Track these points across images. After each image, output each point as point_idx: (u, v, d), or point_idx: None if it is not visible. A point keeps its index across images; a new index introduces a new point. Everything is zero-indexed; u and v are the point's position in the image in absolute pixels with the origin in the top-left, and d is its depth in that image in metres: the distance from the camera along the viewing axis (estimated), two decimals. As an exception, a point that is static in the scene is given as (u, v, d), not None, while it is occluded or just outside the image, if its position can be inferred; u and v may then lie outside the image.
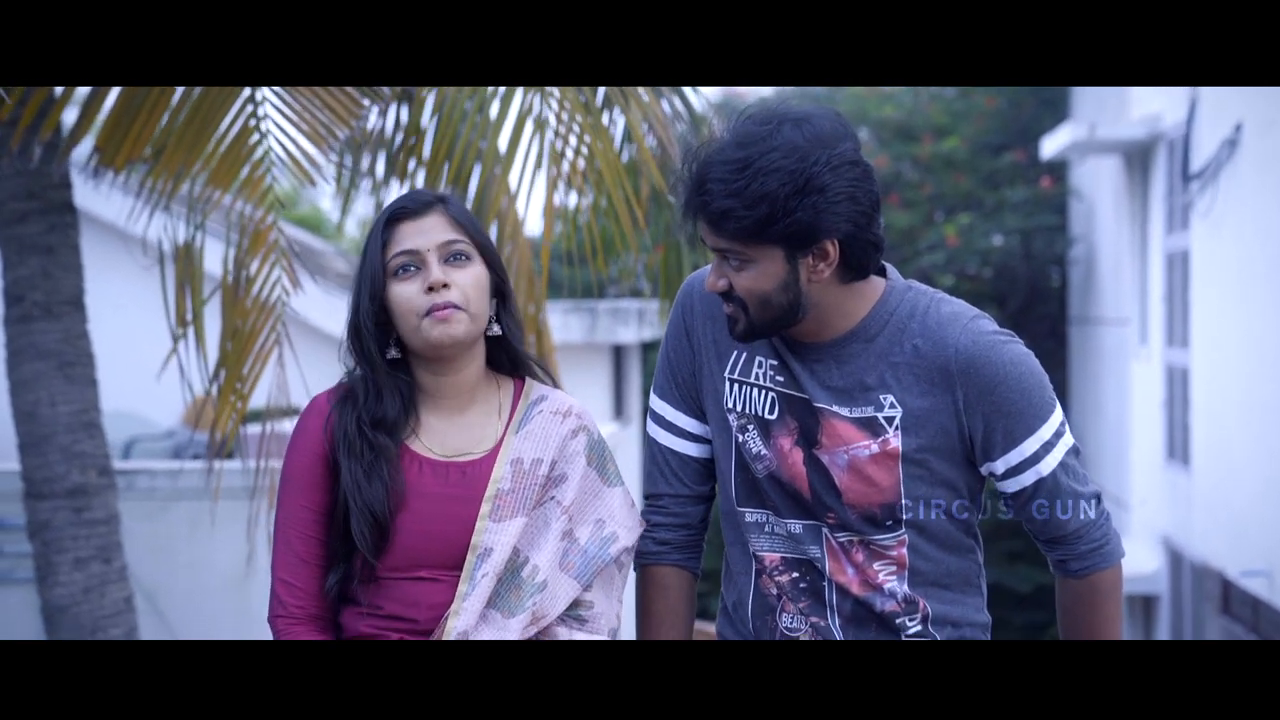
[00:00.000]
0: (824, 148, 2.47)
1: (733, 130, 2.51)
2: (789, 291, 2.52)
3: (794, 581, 2.66)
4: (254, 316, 4.82)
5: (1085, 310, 15.84)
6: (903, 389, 2.58)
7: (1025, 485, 2.61)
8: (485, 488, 2.64)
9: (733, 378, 2.67)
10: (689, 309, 2.74)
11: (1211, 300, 10.74)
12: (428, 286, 2.61)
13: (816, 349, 2.61)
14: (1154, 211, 12.75)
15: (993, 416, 2.57)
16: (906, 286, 2.64)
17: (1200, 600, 11.35)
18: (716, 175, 2.48)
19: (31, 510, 5.15)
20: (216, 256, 5.37)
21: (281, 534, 2.66)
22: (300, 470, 2.66)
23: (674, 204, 5.24)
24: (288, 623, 2.63)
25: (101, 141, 4.72)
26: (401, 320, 2.63)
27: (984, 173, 16.44)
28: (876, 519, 2.61)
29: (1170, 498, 12.27)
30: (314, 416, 2.67)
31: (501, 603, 2.61)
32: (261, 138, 4.70)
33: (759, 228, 2.47)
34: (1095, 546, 2.65)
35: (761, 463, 2.65)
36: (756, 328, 2.57)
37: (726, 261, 2.54)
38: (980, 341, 2.57)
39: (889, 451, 2.58)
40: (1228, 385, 10.33)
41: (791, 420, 2.62)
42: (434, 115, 4.95)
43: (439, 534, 2.61)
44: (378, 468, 2.60)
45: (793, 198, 2.44)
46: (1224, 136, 10.19)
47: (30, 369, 5.08)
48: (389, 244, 2.65)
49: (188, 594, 7.35)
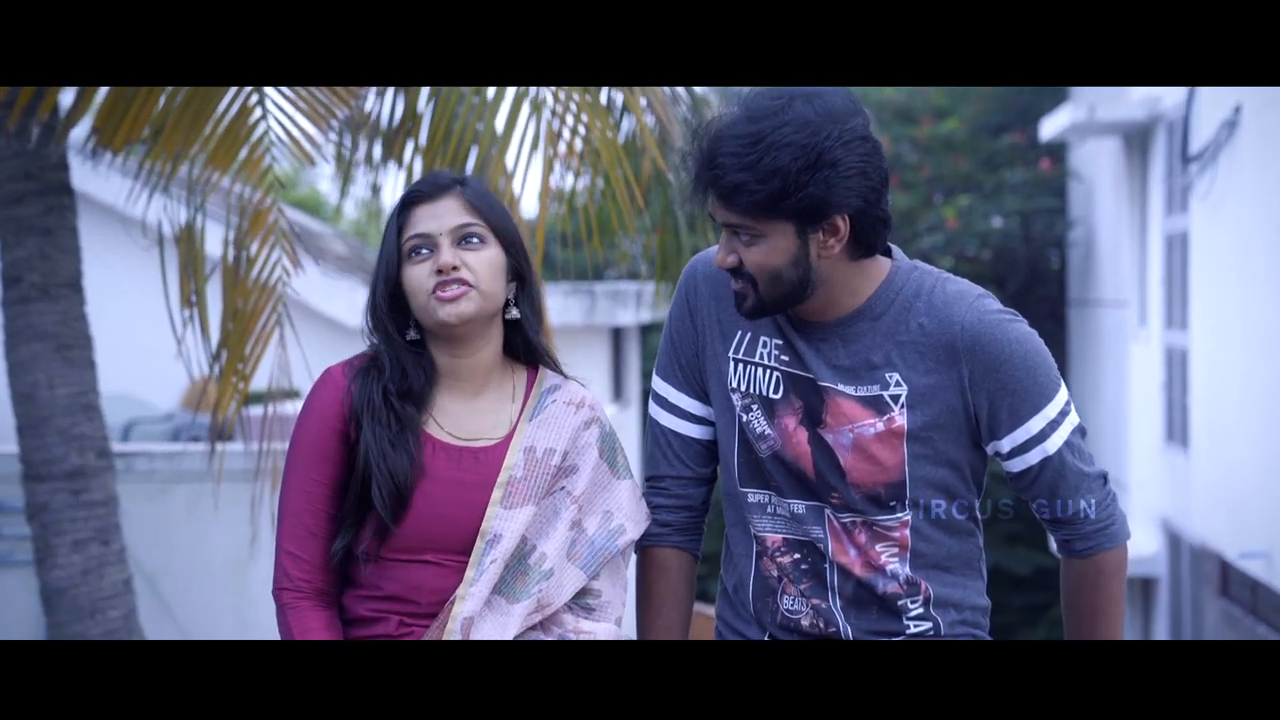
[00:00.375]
0: (836, 123, 2.47)
1: (744, 105, 2.50)
2: (799, 267, 2.52)
3: (795, 563, 2.66)
4: (255, 297, 4.82)
5: (1084, 292, 15.84)
6: (908, 367, 2.57)
7: (1031, 464, 2.61)
8: (497, 474, 2.64)
9: (737, 357, 2.67)
10: (693, 289, 2.74)
11: (1211, 282, 10.74)
12: (437, 269, 2.62)
13: (822, 328, 2.61)
14: (1153, 193, 12.75)
15: (998, 394, 2.56)
16: (912, 266, 2.64)
17: (1199, 582, 11.37)
18: (729, 149, 2.47)
19: (30, 492, 5.15)
20: (216, 238, 5.36)
21: (289, 506, 2.64)
22: (312, 441, 2.64)
23: (673, 184, 5.24)
24: (294, 596, 2.61)
25: (99, 123, 4.72)
26: (413, 300, 2.64)
27: (983, 154, 16.44)
28: (880, 499, 2.61)
29: (1169, 480, 12.28)
30: (329, 388, 2.66)
31: (507, 589, 2.61)
32: (261, 118, 4.69)
33: (771, 202, 2.46)
34: (1101, 527, 2.65)
35: (765, 442, 2.64)
36: (765, 304, 2.56)
37: (736, 237, 2.53)
38: (986, 319, 2.57)
39: (894, 430, 2.58)
40: (1227, 367, 10.33)
41: (796, 400, 2.62)
42: (430, 98, 4.94)
43: (450, 517, 2.61)
44: (403, 438, 2.60)
45: (805, 172, 2.44)
46: (1223, 118, 10.18)
47: (28, 350, 5.08)
48: (404, 227, 2.67)
49: (187, 577, 7.36)
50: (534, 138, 4.75)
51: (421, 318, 2.65)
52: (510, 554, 2.61)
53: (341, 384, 2.65)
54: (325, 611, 2.61)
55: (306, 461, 2.63)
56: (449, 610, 2.58)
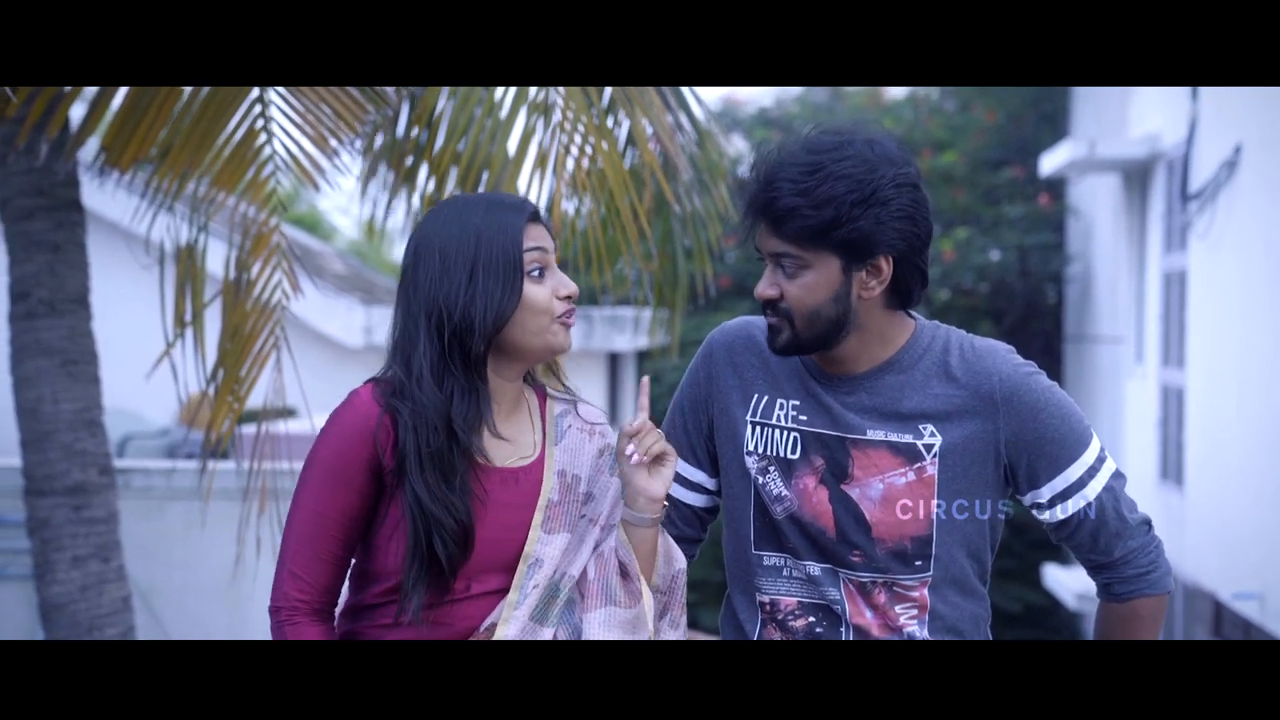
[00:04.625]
0: (891, 165, 2.53)
1: (804, 139, 2.57)
2: (839, 304, 2.56)
3: (809, 626, 2.66)
4: (254, 319, 4.82)
5: (1081, 328, 15.85)
6: (942, 419, 2.59)
7: (1072, 512, 2.63)
8: (535, 494, 2.62)
9: (754, 420, 2.69)
10: (709, 357, 2.77)
11: (1208, 321, 10.75)
12: (566, 294, 2.60)
13: (850, 381, 2.63)
14: (1152, 231, 12.77)
15: (1036, 443, 2.59)
16: (935, 325, 2.68)
17: (1192, 621, 11.36)
18: (786, 175, 2.53)
19: (31, 507, 5.14)
20: (218, 257, 5.37)
21: (299, 527, 2.57)
22: (337, 469, 2.55)
23: (677, 213, 5.26)
24: (290, 613, 2.58)
25: (108, 141, 4.72)
26: (530, 319, 2.58)
27: (982, 188, 16.45)
28: (906, 554, 2.61)
29: (1163, 518, 12.28)
30: (358, 414, 2.56)
31: (539, 613, 2.60)
32: (268, 140, 4.70)
33: (822, 230, 2.52)
34: (1142, 572, 2.66)
35: (782, 504, 2.66)
36: (800, 341, 2.59)
37: (781, 269, 2.57)
38: (1020, 371, 2.61)
39: (925, 480, 2.59)
40: (1223, 406, 10.33)
41: (817, 458, 2.63)
42: (441, 116, 4.94)
43: (496, 540, 2.58)
44: (468, 483, 2.54)
45: (858, 205, 2.50)
46: (1223, 158, 10.20)
47: (33, 366, 5.08)
48: (525, 240, 2.58)
49: (181, 594, 7.35)
50: (541, 161, 4.76)
51: (527, 338, 2.58)
52: (549, 580, 2.60)
53: (374, 412, 2.56)
54: (321, 626, 2.59)
55: (327, 486, 2.56)
56: (490, 634, 2.56)
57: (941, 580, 2.63)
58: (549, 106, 4.75)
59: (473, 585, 2.58)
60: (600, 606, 2.59)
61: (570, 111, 4.75)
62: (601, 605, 2.59)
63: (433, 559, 2.51)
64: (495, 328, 2.54)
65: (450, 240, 2.56)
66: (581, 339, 12.63)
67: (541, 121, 4.76)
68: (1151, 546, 2.68)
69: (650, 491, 2.59)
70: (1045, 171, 14.53)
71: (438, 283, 2.55)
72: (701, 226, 5.32)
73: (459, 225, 2.57)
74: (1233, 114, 10.11)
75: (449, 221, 2.59)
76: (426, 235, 2.59)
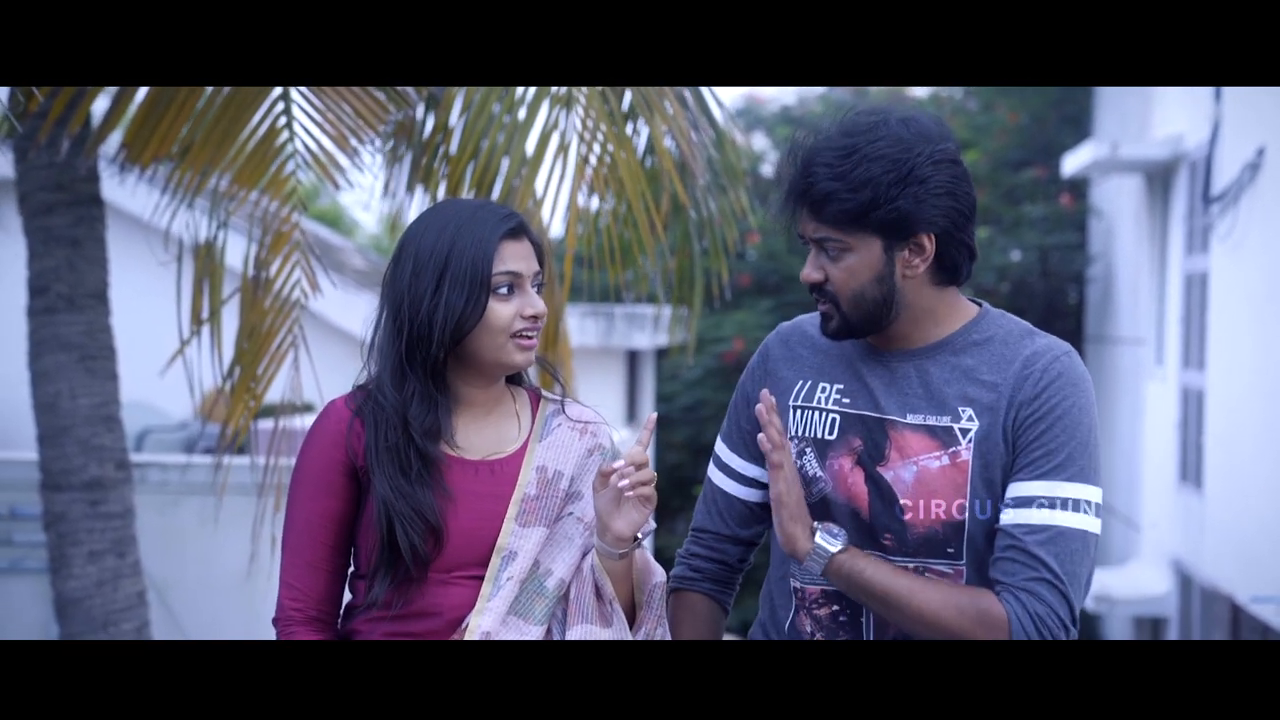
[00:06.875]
0: (928, 143, 2.53)
1: (839, 123, 2.57)
2: (883, 285, 2.55)
3: (834, 615, 2.65)
4: (272, 317, 4.83)
5: (1102, 329, 15.82)
6: (983, 406, 2.56)
7: (1021, 522, 2.51)
8: (512, 486, 2.65)
9: (796, 404, 2.68)
10: (766, 354, 2.76)
11: (1229, 323, 10.72)
12: (531, 315, 2.62)
13: (901, 356, 2.61)
14: (1173, 232, 12.73)
15: (1035, 442, 2.52)
16: (1001, 314, 2.66)
17: (1209, 624, 11.33)
18: (823, 160, 2.53)
19: (48, 501, 5.16)
20: (237, 253, 5.38)
21: (289, 539, 2.65)
22: (314, 475, 2.64)
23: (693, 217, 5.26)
24: (288, 625, 2.64)
25: (129, 138, 4.73)
26: (487, 336, 2.61)
27: (1004, 188, 16.42)
28: (937, 540, 2.57)
29: (1182, 520, 12.25)
30: (333, 422, 2.64)
31: (524, 610, 2.62)
32: (290, 138, 4.71)
33: (861, 212, 2.51)
34: (1021, 590, 2.49)
35: (817, 485, 2.63)
36: (851, 325, 2.59)
37: (824, 252, 2.57)
38: (1065, 377, 2.55)
39: (959, 464, 2.55)
40: (1242, 409, 10.30)
41: (854, 439, 2.61)
42: (461, 113, 4.94)
43: (474, 531, 2.61)
44: (426, 476, 2.59)
45: (895, 185, 2.50)
46: (1246, 160, 10.17)
47: (52, 360, 5.09)
48: (496, 260, 2.61)
49: (196, 589, 7.36)
50: (561, 160, 4.76)
51: (483, 352, 2.62)
52: (525, 574, 2.62)
53: (345, 416, 2.63)
54: (317, 635, 2.64)
55: (310, 495, 2.63)
56: (465, 626, 2.59)
57: (973, 575, 2.57)
58: (571, 99, 4.75)
59: (455, 573, 2.61)
60: (579, 623, 2.63)
61: (590, 120, 4.75)
62: (579, 622, 2.63)
63: (395, 549, 2.57)
64: (454, 339, 2.59)
65: (425, 247, 2.60)
66: (601, 336, 12.65)
67: (563, 114, 4.76)
68: (1055, 620, 2.48)
69: (616, 530, 2.60)
70: (1067, 172, 14.50)
71: (408, 287, 2.60)
72: (718, 228, 5.32)
73: (436, 233, 2.61)
74: (1256, 116, 10.07)
75: (430, 227, 2.63)
76: (408, 238, 2.65)
